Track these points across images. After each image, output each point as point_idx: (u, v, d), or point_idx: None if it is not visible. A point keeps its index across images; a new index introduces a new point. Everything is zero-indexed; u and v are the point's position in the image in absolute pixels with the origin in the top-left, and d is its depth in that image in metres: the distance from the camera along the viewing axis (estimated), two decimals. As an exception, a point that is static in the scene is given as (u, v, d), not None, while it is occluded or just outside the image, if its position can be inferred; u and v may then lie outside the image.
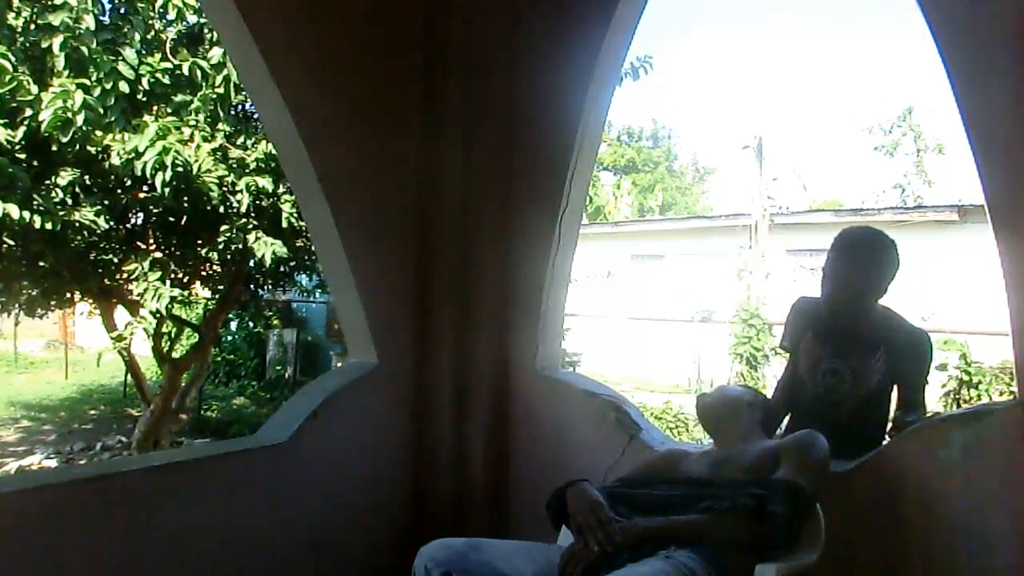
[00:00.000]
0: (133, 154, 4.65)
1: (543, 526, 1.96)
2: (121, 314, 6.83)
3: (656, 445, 2.47)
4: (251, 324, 13.36)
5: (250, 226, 5.50)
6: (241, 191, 5.12)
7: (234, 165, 5.23)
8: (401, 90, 2.88)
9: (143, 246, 5.95)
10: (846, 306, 2.21)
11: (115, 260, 5.98)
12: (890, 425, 2.23)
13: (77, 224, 4.94)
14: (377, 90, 2.77)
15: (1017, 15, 1.85)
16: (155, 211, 5.56)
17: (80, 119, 4.32)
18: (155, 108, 4.99)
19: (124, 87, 4.54)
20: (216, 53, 4.82)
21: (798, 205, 17.71)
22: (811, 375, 2.31)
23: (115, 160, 4.76)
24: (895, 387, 2.26)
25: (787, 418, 2.46)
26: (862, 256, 2.18)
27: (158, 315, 5.59)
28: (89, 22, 4.41)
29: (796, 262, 14.25)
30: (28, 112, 4.48)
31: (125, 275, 5.70)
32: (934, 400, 6.48)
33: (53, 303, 6.69)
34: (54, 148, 4.68)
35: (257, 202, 5.42)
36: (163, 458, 2.60)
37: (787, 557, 1.69)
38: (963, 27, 1.93)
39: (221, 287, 6.90)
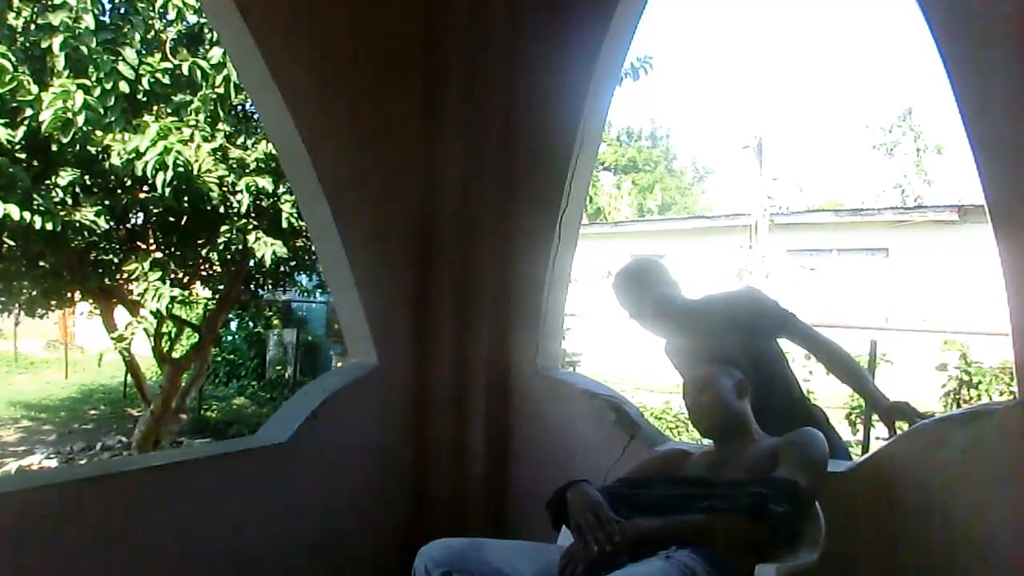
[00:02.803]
0: (133, 154, 4.65)
1: (543, 526, 1.96)
2: (121, 314, 6.83)
3: (656, 445, 2.48)
4: (251, 324, 13.34)
5: (250, 226, 5.50)
6: (241, 191, 5.13)
7: (234, 165, 5.24)
8: (401, 90, 2.88)
9: (143, 246, 5.95)
10: (659, 327, 2.35)
11: (115, 260, 5.98)
12: (877, 410, 2.19)
13: (77, 224, 4.93)
14: (377, 90, 2.77)
15: (1017, 15, 1.85)
16: (155, 211, 5.56)
17: (80, 119, 4.31)
18: (155, 108, 4.99)
19: (124, 87, 4.54)
20: (216, 53, 4.82)
21: (796, 206, 17.73)
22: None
23: (115, 160, 4.76)
24: (775, 344, 2.34)
25: None
26: (633, 288, 2.34)
27: (158, 315, 5.59)
28: (89, 22, 4.41)
29: (796, 262, 14.25)
30: (28, 112, 4.48)
31: (125, 275, 5.70)
32: (934, 400, 6.48)
33: (53, 303, 6.69)
34: (54, 148, 4.69)
35: (257, 202, 5.42)
36: (163, 458, 2.61)
37: (787, 557, 1.69)
38: (963, 27, 1.93)
39: (221, 287, 6.90)
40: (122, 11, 4.98)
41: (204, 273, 6.69)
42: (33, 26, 4.56)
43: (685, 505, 1.76)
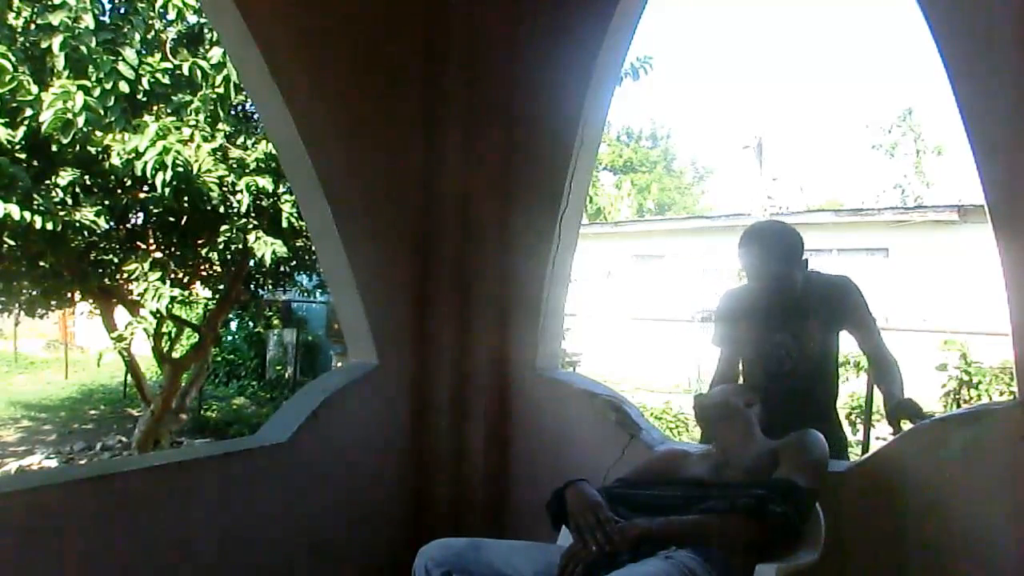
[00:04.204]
0: (133, 154, 4.64)
1: (543, 526, 1.96)
2: (121, 314, 6.83)
3: (656, 445, 2.47)
4: (251, 324, 13.34)
5: (250, 226, 5.50)
6: (241, 191, 5.12)
7: (234, 165, 5.23)
8: (401, 90, 2.88)
9: (143, 246, 5.95)
10: (774, 287, 2.33)
11: (115, 260, 5.98)
12: (887, 406, 2.22)
13: (77, 224, 4.93)
14: (377, 90, 2.77)
15: (1017, 16, 1.85)
16: (155, 211, 5.56)
17: (80, 120, 4.31)
18: (155, 108, 4.98)
19: (124, 87, 4.53)
20: (216, 53, 4.82)
21: (796, 206, 17.73)
22: (757, 355, 2.44)
23: (115, 160, 4.76)
24: (838, 341, 2.41)
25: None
26: (767, 243, 2.32)
27: (158, 315, 5.59)
28: (89, 22, 4.41)
29: (796, 262, 14.21)
30: (28, 112, 4.48)
31: (125, 275, 5.70)
32: (934, 400, 6.48)
33: (53, 303, 6.68)
34: (54, 148, 4.68)
35: (257, 202, 5.42)
36: (163, 458, 2.60)
37: (787, 557, 1.69)
38: (963, 27, 1.93)
39: (221, 287, 6.90)
40: (122, 11, 4.98)
41: (204, 273, 6.69)
42: (33, 26, 4.56)
43: (685, 506, 1.76)
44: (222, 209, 5.41)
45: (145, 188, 5.30)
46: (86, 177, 5.15)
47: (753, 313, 2.44)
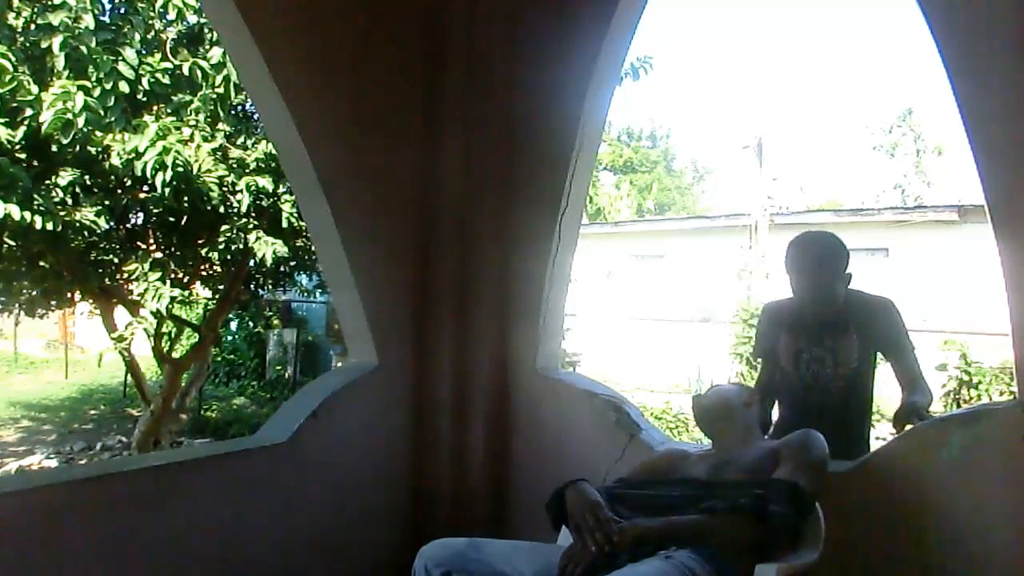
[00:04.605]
0: (133, 154, 4.65)
1: (543, 526, 1.96)
2: (121, 314, 6.83)
3: (656, 445, 2.48)
4: (251, 324, 13.36)
5: (250, 226, 5.50)
6: (241, 191, 5.13)
7: (234, 165, 5.24)
8: (401, 90, 2.88)
9: (143, 246, 5.95)
10: (817, 298, 2.35)
11: (115, 260, 5.98)
12: (901, 409, 2.22)
13: (77, 224, 4.93)
14: (377, 90, 2.77)
15: (1017, 16, 1.85)
16: (155, 211, 5.56)
17: (80, 120, 4.31)
18: (155, 108, 4.99)
19: (124, 87, 4.53)
20: (216, 53, 4.82)
21: (796, 206, 17.75)
22: (794, 367, 2.45)
23: (115, 160, 4.76)
24: (875, 362, 2.41)
25: (776, 413, 2.55)
26: (817, 258, 2.35)
27: (158, 315, 5.58)
28: (89, 22, 4.40)
29: (796, 262, 14.21)
30: (28, 112, 4.48)
31: (125, 275, 5.70)
32: (934, 400, 6.48)
33: (53, 303, 6.68)
34: (54, 148, 4.69)
35: (257, 202, 5.42)
36: (163, 458, 2.60)
37: (787, 557, 1.69)
38: (963, 28, 1.93)
39: (221, 287, 6.90)
40: (122, 11, 4.97)
41: (204, 273, 6.69)
42: (33, 26, 4.56)
43: (685, 506, 1.76)
44: (222, 209, 5.41)
45: (145, 188, 5.30)
46: (86, 177, 5.15)
47: (792, 325, 2.46)
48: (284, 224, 5.57)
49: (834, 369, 2.37)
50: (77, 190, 5.10)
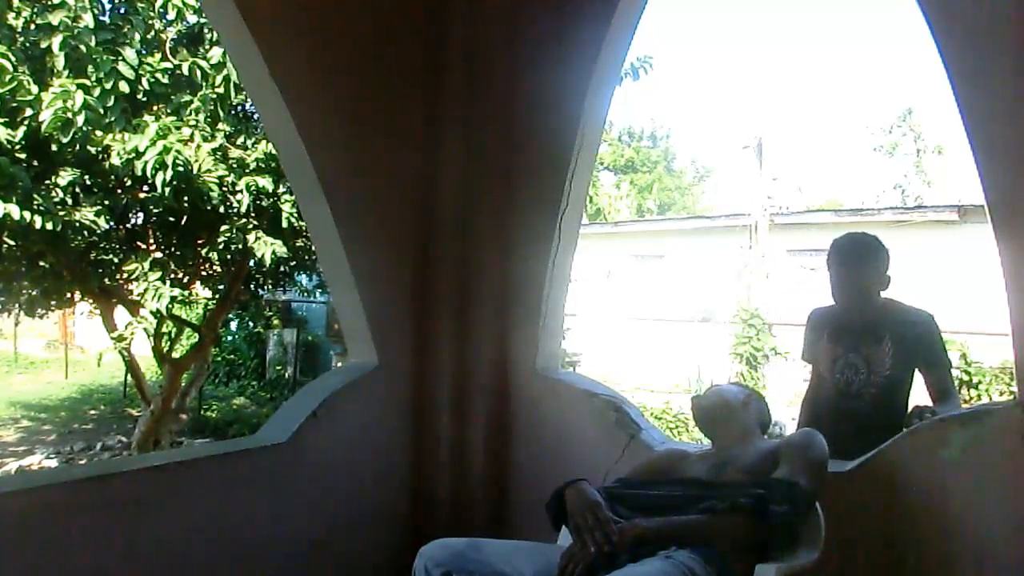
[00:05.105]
0: (133, 154, 4.65)
1: (543, 526, 1.96)
2: (121, 314, 6.84)
3: (656, 445, 2.47)
4: (251, 324, 13.36)
5: (250, 226, 5.50)
6: (241, 191, 5.13)
7: (234, 165, 5.24)
8: (401, 90, 2.88)
9: (143, 246, 5.96)
10: (852, 304, 2.38)
11: (115, 260, 5.99)
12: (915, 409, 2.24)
13: (77, 224, 4.94)
14: (377, 90, 2.77)
15: (1017, 16, 1.85)
16: (155, 211, 5.56)
17: (80, 119, 4.32)
18: (155, 108, 4.99)
19: (124, 87, 4.54)
20: (216, 53, 4.82)
21: (796, 206, 17.75)
22: (830, 372, 2.47)
23: (115, 160, 4.76)
24: (912, 375, 2.41)
25: (806, 416, 2.59)
26: (854, 256, 2.37)
27: (158, 315, 5.59)
28: (88, 21, 4.41)
29: (796, 262, 14.25)
30: (28, 112, 4.48)
31: (125, 275, 5.70)
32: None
33: (53, 303, 6.69)
34: (54, 148, 4.69)
35: (257, 202, 5.42)
36: (163, 458, 2.60)
37: (787, 557, 1.69)
38: (963, 27, 1.93)
39: (221, 287, 6.91)
40: (122, 11, 4.98)
41: (204, 273, 6.70)
42: (33, 26, 4.56)
43: (685, 505, 1.76)
44: (222, 209, 5.42)
45: (145, 188, 5.30)
46: (86, 177, 5.16)
47: (832, 331, 2.49)
48: (284, 224, 5.57)
49: (867, 376, 2.37)
50: (77, 190, 5.11)
